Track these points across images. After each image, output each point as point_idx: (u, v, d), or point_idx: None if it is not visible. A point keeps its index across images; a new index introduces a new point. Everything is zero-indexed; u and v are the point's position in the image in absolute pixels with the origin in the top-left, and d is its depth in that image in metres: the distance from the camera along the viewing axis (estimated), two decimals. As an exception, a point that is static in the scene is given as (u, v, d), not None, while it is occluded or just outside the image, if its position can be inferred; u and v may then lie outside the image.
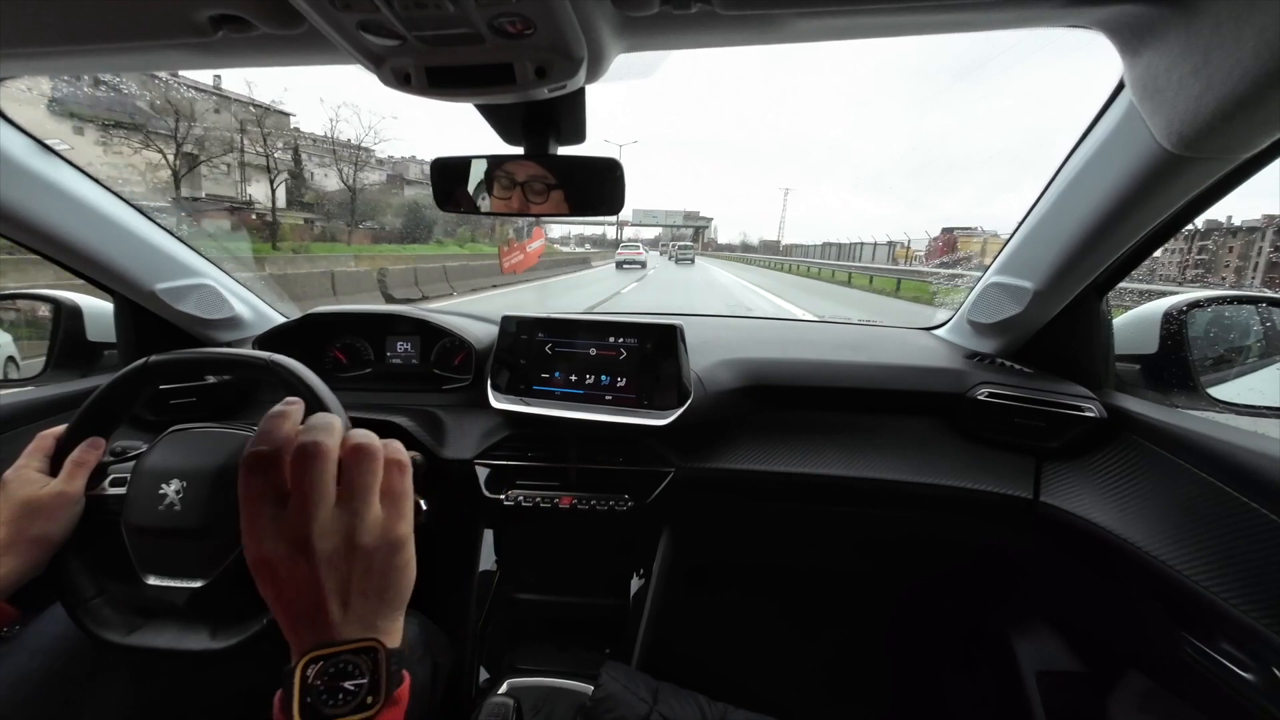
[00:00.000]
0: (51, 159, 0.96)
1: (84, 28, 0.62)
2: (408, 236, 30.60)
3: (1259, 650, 0.63)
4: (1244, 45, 0.51)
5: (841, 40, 0.65)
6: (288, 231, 23.51)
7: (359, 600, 0.40)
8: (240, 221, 20.95)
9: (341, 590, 0.40)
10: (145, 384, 0.70)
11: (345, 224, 28.19)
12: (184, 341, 1.23)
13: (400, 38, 0.52)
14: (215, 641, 0.60)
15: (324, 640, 0.39)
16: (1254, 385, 1.01)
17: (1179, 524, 0.76)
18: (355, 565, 0.40)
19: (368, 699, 0.38)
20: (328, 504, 0.40)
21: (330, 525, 0.40)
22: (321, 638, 0.39)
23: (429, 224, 30.88)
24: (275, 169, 23.31)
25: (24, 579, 0.59)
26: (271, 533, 0.39)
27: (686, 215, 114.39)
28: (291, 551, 0.39)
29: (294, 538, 0.39)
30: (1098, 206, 0.82)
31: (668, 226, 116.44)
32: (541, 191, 0.73)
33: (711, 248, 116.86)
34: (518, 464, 1.06)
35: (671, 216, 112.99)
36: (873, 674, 1.42)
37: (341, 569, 0.40)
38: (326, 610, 0.39)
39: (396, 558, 0.43)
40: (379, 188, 34.67)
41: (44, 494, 0.61)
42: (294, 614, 0.40)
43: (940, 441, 1.07)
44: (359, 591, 0.40)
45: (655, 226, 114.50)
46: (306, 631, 0.39)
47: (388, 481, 0.44)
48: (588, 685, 0.82)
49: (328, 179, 29.63)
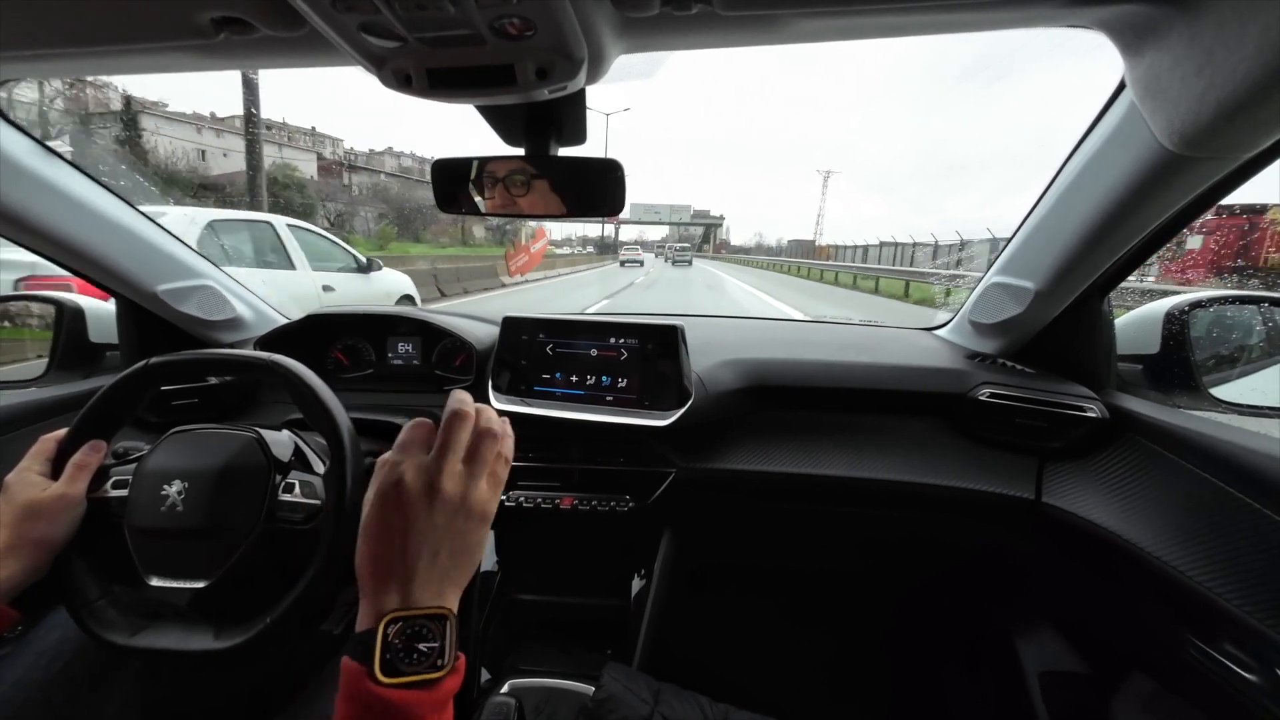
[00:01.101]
0: (53, 160, 0.96)
1: (85, 30, 0.62)
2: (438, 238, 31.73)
3: (1262, 651, 0.63)
4: (1246, 44, 0.51)
5: (842, 40, 0.65)
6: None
7: (444, 560, 0.46)
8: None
9: (434, 545, 0.45)
10: (146, 386, 0.70)
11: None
12: (186, 343, 1.23)
13: (401, 39, 0.52)
14: (219, 642, 0.60)
15: (405, 603, 0.43)
16: (1256, 385, 1.01)
17: (1181, 524, 0.76)
18: (456, 521, 0.47)
19: (438, 661, 0.43)
20: (458, 458, 0.48)
21: (456, 476, 0.48)
22: (401, 597, 0.44)
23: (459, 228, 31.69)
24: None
25: (26, 582, 0.59)
26: (413, 468, 0.47)
27: (695, 214, 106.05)
28: (421, 489, 0.46)
29: (429, 477, 0.46)
30: (1099, 206, 0.82)
31: (674, 224, 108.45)
32: (542, 192, 0.73)
33: (725, 250, 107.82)
34: (519, 465, 1.06)
35: (678, 212, 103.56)
36: (874, 675, 1.42)
37: (446, 519, 0.46)
38: (416, 565, 0.44)
39: (480, 530, 0.49)
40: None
41: (45, 497, 0.61)
42: (385, 566, 0.45)
43: (942, 442, 1.06)
44: (447, 550, 0.46)
45: (659, 224, 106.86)
46: (386, 588, 0.44)
47: (495, 464, 0.51)
48: (589, 686, 0.82)
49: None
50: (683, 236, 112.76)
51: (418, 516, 0.46)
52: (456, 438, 0.49)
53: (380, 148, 37.77)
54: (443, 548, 0.46)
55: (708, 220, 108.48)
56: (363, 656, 0.41)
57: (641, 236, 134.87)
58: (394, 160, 40.43)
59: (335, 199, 30.88)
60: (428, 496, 0.46)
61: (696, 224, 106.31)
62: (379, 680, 0.40)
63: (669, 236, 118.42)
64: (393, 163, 40.20)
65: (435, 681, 0.42)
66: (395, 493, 0.46)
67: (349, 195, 33.59)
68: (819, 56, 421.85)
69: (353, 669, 0.41)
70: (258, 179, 8.71)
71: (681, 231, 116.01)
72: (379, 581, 0.45)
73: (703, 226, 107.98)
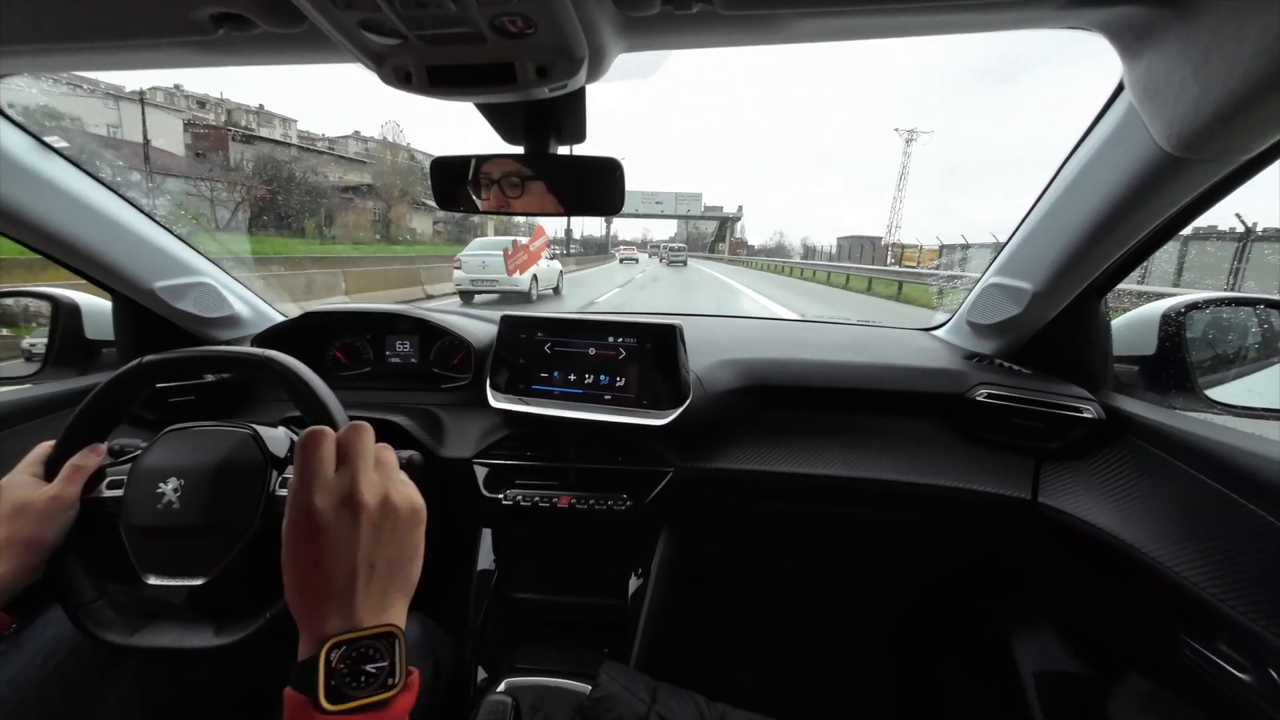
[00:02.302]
0: (50, 156, 0.96)
1: (84, 25, 0.61)
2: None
3: (1257, 652, 0.63)
4: (1244, 47, 0.51)
5: (842, 40, 0.65)
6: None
7: (382, 574, 0.45)
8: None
9: (367, 560, 0.44)
10: (141, 384, 0.69)
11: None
12: (183, 340, 1.23)
13: (401, 36, 0.52)
14: (219, 638, 0.60)
15: (346, 625, 0.42)
16: (1252, 387, 1.02)
17: (1177, 525, 0.76)
18: (384, 529, 0.45)
19: (388, 680, 0.42)
20: (369, 466, 0.47)
21: (373, 484, 0.46)
22: (342, 620, 0.42)
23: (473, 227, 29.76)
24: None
25: (19, 584, 0.58)
26: (326, 489, 0.45)
27: (708, 208, 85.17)
28: (337, 506, 0.44)
29: (345, 493, 0.45)
30: (1097, 208, 0.82)
31: (681, 218, 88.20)
32: (541, 191, 0.73)
33: (743, 250, 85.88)
34: (516, 463, 1.06)
35: (686, 202, 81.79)
36: (872, 675, 1.42)
37: (373, 530, 0.45)
38: (353, 585, 0.43)
39: (416, 533, 0.48)
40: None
41: (38, 498, 0.61)
42: (316, 593, 0.43)
43: (939, 442, 1.07)
44: (383, 563, 0.45)
45: (662, 217, 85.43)
46: (327, 612, 0.42)
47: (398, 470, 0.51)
48: (586, 685, 0.82)
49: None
50: (690, 234, 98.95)
51: (341, 536, 0.44)
52: (361, 446, 0.48)
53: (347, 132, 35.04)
54: (377, 561, 0.45)
55: (722, 215, 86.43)
56: (306, 687, 0.40)
57: (647, 235, 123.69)
58: (360, 145, 38.33)
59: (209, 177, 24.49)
60: (348, 512, 0.44)
61: (708, 218, 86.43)
62: (324, 708, 0.39)
63: (677, 235, 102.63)
64: (358, 147, 38.08)
65: (387, 702, 0.41)
66: (308, 519, 0.44)
67: (235, 173, 27.31)
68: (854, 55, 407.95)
69: (296, 700, 0.40)
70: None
71: (690, 228, 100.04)
72: (313, 609, 0.43)
73: (716, 222, 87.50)
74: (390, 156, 37.19)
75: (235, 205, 23.27)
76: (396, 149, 38.32)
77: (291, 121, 39.24)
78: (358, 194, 31.52)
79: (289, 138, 37.61)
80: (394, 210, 32.52)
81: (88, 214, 1.01)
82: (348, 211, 28.86)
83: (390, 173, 34.94)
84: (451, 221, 35.29)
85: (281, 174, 26.89)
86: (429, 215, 35.33)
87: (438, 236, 35.12)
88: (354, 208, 30.23)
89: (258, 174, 26.71)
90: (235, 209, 23.13)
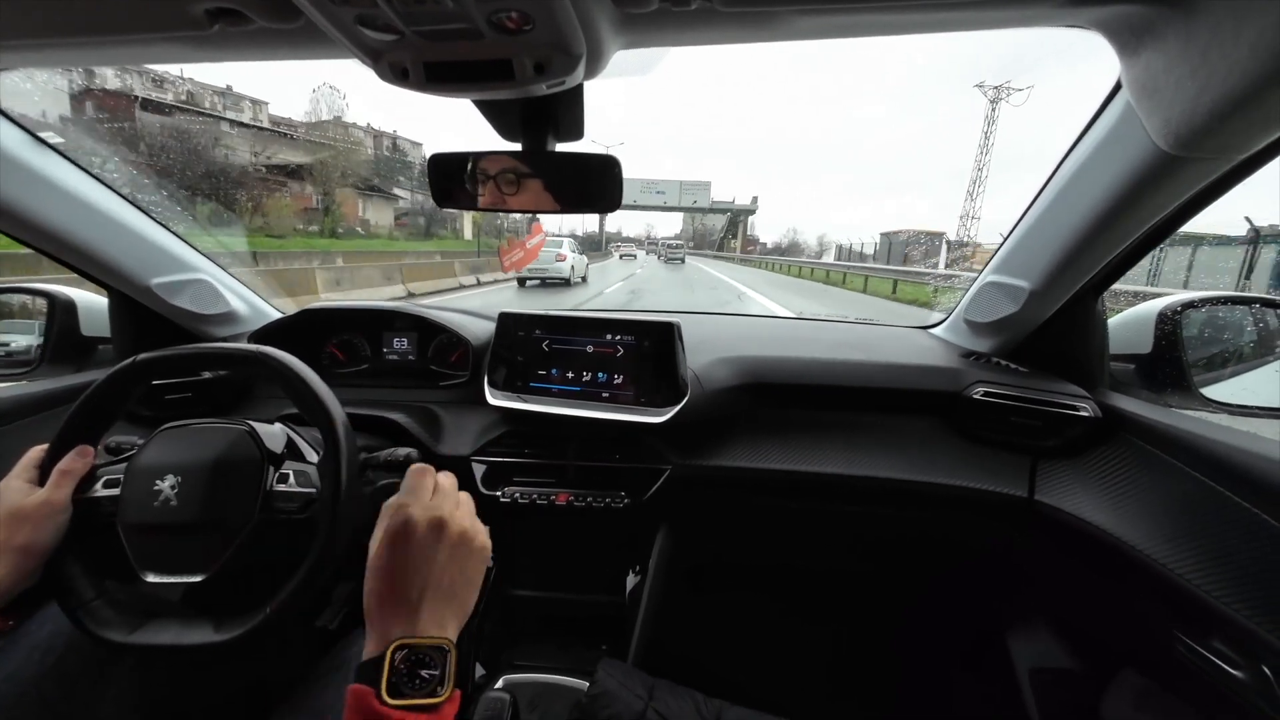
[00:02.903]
0: (46, 152, 0.95)
1: (79, 20, 0.61)
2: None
3: (1251, 649, 0.64)
4: (1241, 46, 0.51)
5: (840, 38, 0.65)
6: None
7: (447, 593, 0.52)
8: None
9: (438, 578, 0.51)
10: (135, 382, 0.69)
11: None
12: (180, 337, 1.22)
13: (398, 33, 0.51)
14: (219, 635, 0.60)
15: (409, 631, 0.48)
16: (1247, 385, 1.02)
17: (1172, 523, 0.76)
18: (458, 554, 0.54)
19: (437, 689, 0.46)
20: (455, 500, 0.59)
21: (460, 516, 0.56)
22: (406, 626, 0.48)
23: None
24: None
25: (14, 589, 0.59)
26: (424, 508, 0.54)
27: (716, 202, 72.65)
28: (430, 526, 0.53)
29: (437, 515, 0.54)
30: (1094, 206, 0.82)
31: (687, 210, 76.42)
32: (538, 188, 0.73)
33: (756, 248, 76.05)
34: (514, 461, 1.06)
35: (691, 192, 69.13)
36: (868, 672, 1.42)
37: (449, 552, 0.53)
38: (422, 597, 0.50)
39: (481, 566, 0.57)
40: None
41: (29, 503, 0.61)
42: (393, 600, 0.50)
43: (936, 440, 1.07)
44: (449, 583, 0.52)
45: (664, 210, 73.42)
46: (393, 619, 0.49)
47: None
48: (584, 682, 0.82)
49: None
50: (697, 231, 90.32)
51: (425, 551, 0.52)
52: (453, 484, 0.60)
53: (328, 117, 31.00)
54: (445, 580, 0.52)
55: (733, 207, 73.86)
56: (371, 679, 0.45)
57: (651, 233, 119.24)
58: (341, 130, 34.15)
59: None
60: (436, 533, 0.53)
61: (717, 210, 75.14)
62: (385, 700, 0.44)
63: (683, 232, 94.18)
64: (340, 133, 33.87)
65: (437, 706, 0.45)
66: (405, 531, 0.52)
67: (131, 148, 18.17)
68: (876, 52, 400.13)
69: (361, 691, 0.45)
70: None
71: (696, 224, 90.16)
72: (386, 614, 0.49)
73: (725, 215, 76.35)
74: (336, 134, 31.31)
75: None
76: (344, 127, 32.50)
77: (263, 104, 33.65)
78: (288, 176, 25.81)
79: (259, 121, 32.28)
80: (339, 197, 27.76)
81: (84, 210, 1.01)
82: (274, 197, 23.82)
83: (327, 151, 28.87)
84: (420, 214, 32.16)
85: (174, 147, 20.42)
86: (388, 205, 31.53)
87: (400, 230, 31.54)
88: (286, 193, 24.79)
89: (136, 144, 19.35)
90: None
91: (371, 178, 31.64)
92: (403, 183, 34.53)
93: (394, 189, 33.27)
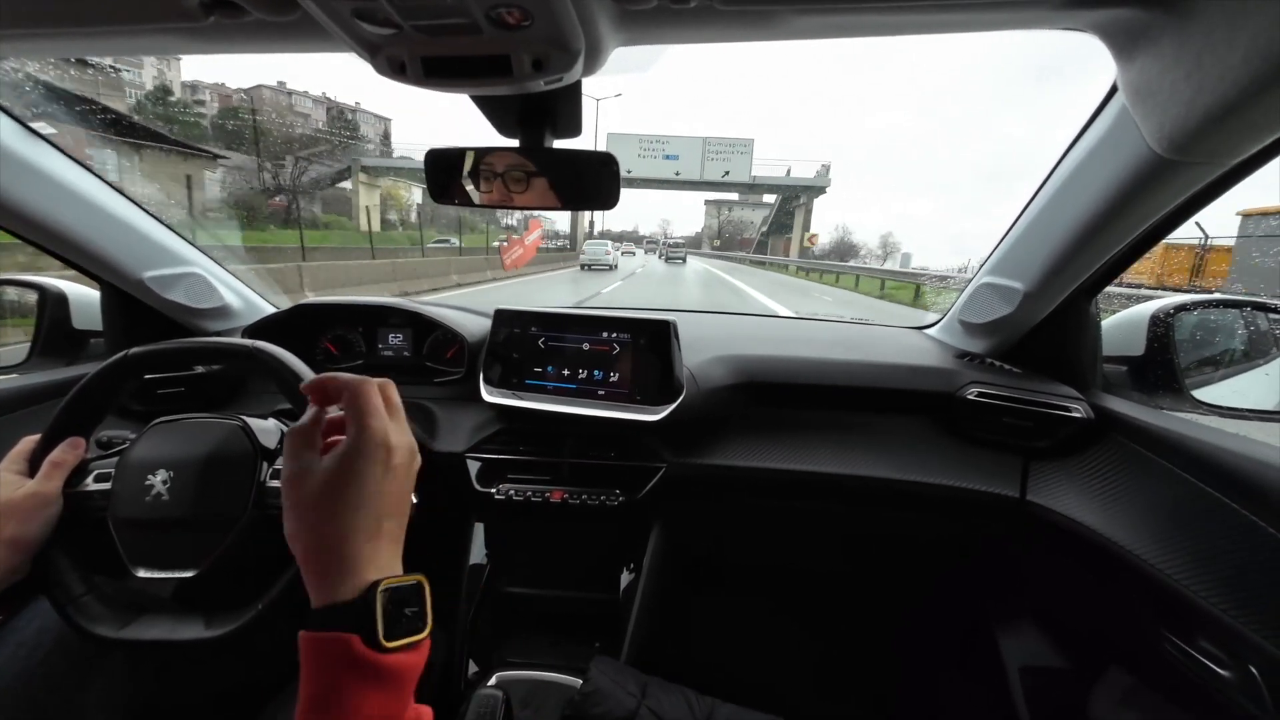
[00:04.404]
0: (38, 143, 0.94)
1: (73, 10, 0.60)
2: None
3: (1236, 648, 0.65)
4: (1235, 50, 0.51)
5: (839, 38, 0.65)
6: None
7: (400, 517, 0.48)
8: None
9: (399, 502, 0.47)
10: (126, 377, 0.69)
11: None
12: (173, 331, 1.22)
13: (396, 26, 0.51)
14: (210, 630, 0.60)
15: (389, 571, 0.45)
16: (1237, 388, 1.03)
17: (1161, 524, 0.77)
18: (411, 473, 0.49)
19: (418, 625, 0.44)
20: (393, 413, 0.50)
21: (398, 429, 0.49)
22: (379, 565, 0.44)
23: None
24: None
25: (3, 582, 0.58)
26: (393, 429, 0.48)
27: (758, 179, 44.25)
28: (411, 448, 0.49)
29: (406, 436, 0.49)
30: (1088, 209, 0.83)
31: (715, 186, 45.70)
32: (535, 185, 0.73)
33: (814, 249, 48.76)
34: (509, 458, 1.05)
35: (721, 155, 42.21)
36: (861, 670, 1.43)
37: (406, 472, 0.48)
38: (386, 527, 0.46)
39: (413, 473, 0.51)
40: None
41: (18, 496, 0.60)
42: (363, 531, 0.45)
43: (930, 440, 1.07)
44: (406, 507, 0.49)
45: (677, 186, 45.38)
46: (372, 555, 0.44)
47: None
48: (577, 679, 0.82)
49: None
50: (722, 226, 62.69)
51: (399, 477, 0.47)
52: (393, 395, 0.51)
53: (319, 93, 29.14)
54: (405, 507, 0.49)
55: (792, 183, 46.12)
56: (357, 626, 0.41)
57: (665, 230, 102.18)
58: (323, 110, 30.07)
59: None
60: (410, 456, 0.49)
61: (762, 189, 48.32)
62: (383, 646, 0.41)
63: (706, 229, 68.53)
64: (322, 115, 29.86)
65: (418, 644, 0.44)
66: (386, 455, 0.46)
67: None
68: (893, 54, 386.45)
69: (344, 639, 0.41)
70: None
71: (722, 218, 63.09)
72: (353, 551, 0.44)
73: (775, 199, 51.04)
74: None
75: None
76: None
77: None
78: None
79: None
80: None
81: (76, 201, 0.99)
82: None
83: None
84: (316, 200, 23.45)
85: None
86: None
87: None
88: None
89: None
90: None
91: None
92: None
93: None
